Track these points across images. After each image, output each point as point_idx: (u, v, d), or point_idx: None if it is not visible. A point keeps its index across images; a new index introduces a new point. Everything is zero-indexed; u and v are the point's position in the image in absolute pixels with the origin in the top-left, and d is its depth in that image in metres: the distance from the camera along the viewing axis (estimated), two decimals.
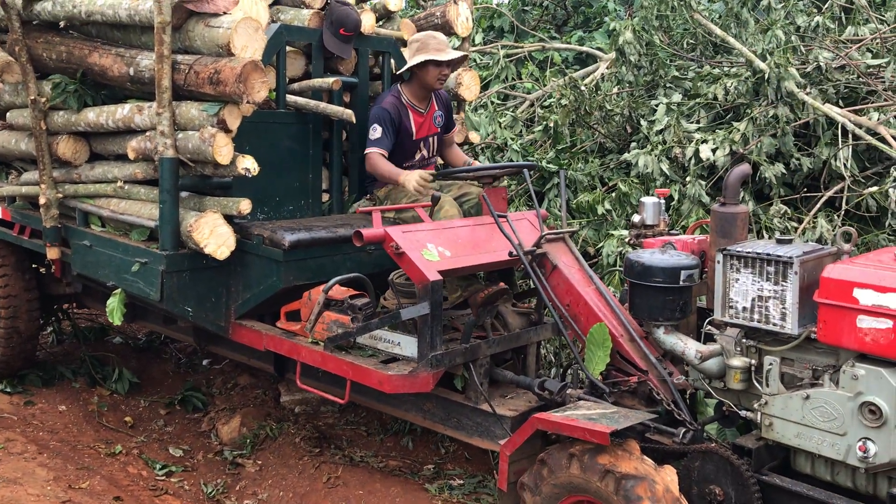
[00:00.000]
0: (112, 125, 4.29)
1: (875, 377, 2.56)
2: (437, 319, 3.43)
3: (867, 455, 2.58)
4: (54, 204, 4.60)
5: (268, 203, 4.38)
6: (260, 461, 4.62)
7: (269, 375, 5.54)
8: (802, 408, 2.75)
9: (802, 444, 2.79)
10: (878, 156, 5.06)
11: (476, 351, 3.57)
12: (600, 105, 6.13)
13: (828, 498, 2.74)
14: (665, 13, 6.41)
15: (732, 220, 3.17)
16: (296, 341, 3.97)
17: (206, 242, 3.83)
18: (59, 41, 4.46)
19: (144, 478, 4.44)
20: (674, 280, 3.16)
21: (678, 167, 5.40)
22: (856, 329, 2.60)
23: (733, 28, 6.32)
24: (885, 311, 2.54)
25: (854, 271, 2.65)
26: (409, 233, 3.61)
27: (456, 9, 5.17)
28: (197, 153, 3.82)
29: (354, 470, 4.36)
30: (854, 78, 5.41)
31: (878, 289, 2.55)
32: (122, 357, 5.94)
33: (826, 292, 2.67)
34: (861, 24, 5.84)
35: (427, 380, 3.46)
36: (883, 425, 2.55)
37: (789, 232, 4.83)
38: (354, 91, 4.79)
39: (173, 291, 3.96)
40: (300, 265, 4.02)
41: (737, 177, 3.25)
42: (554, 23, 9.48)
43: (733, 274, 2.94)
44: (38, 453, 4.33)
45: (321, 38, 4.55)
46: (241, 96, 3.65)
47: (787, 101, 5.17)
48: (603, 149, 6.37)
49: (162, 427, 5.17)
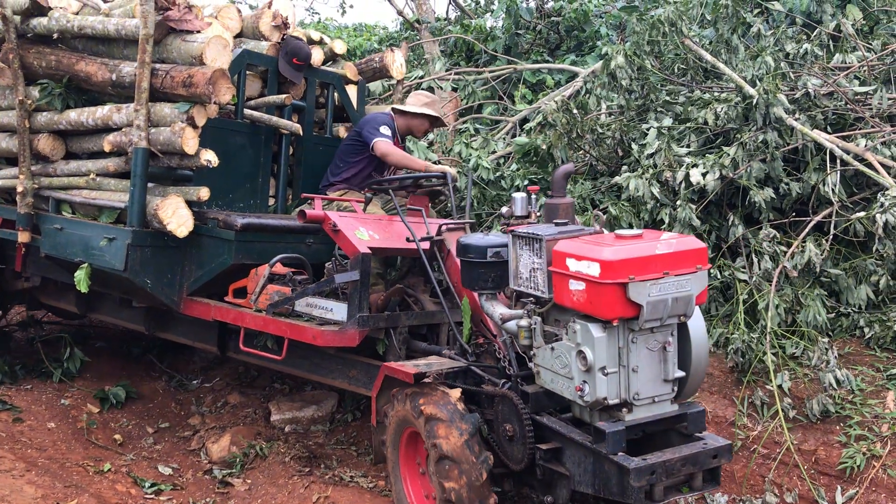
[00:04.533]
0: (92, 123, 4.93)
1: (584, 330, 3.02)
2: (365, 286, 4.10)
3: (582, 394, 3.04)
4: (30, 193, 5.18)
5: (222, 198, 5.03)
6: (249, 480, 4.62)
7: (260, 395, 5.54)
8: (551, 358, 3.22)
9: (555, 388, 3.25)
10: (866, 181, 5.12)
11: (396, 319, 4.28)
12: (592, 128, 6.19)
13: (567, 431, 3.24)
14: (656, 39, 6.48)
15: (556, 209, 3.56)
16: (241, 311, 4.60)
17: (168, 221, 4.47)
18: (50, 51, 5.11)
19: (133, 496, 4.42)
20: (482, 256, 3.59)
21: (669, 191, 5.44)
22: (569, 291, 3.07)
23: (723, 54, 6.38)
24: (581, 275, 2.99)
25: (568, 244, 3.12)
26: (345, 217, 4.36)
27: (392, 55, 6.13)
28: (167, 144, 4.49)
29: (344, 490, 4.37)
30: (842, 104, 5.47)
31: (577, 258, 3.02)
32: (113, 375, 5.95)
33: (555, 263, 3.15)
34: (849, 51, 5.92)
35: (354, 336, 4.11)
36: (590, 370, 3.00)
37: (778, 256, 4.88)
38: (302, 114, 5.55)
39: (136, 264, 4.57)
40: (249, 246, 4.68)
41: (562, 174, 3.64)
42: (547, 46, 9.57)
43: (519, 251, 3.41)
44: (26, 471, 4.30)
45: (277, 64, 5.31)
46: (209, 97, 4.36)
47: (776, 127, 5.23)
48: (594, 171, 6.43)
49: (151, 445, 5.17)
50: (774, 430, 4.32)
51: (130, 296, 5.17)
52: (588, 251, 2.99)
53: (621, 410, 3.09)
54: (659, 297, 2.97)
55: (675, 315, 3.05)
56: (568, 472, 3.24)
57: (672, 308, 3.01)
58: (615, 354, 3.02)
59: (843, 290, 4.93)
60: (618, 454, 3.00)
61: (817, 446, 4.22)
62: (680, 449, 3.10)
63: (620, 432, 3.02)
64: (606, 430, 3.02)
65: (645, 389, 3.08)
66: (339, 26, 15.18)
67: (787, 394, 4.41)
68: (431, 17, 11.14)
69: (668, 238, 3.11)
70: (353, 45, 10.96)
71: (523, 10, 9.49)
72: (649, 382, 3.08)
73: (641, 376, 3.06)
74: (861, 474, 3.99)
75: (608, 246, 2.98)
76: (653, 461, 2.97)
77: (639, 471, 2.91)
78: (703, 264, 3.09)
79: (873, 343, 4.68)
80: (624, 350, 3.03)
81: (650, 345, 3.07)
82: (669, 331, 3.11)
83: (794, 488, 4.12)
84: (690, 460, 3.05)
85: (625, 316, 2.97)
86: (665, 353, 3.09)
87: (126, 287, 4.91)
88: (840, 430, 4.23)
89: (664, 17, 6.40)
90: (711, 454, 3.10)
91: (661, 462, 2.98)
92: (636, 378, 3.05)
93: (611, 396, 3.02)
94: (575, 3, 9.48)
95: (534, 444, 3.34)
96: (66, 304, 6.09)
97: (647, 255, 2.97)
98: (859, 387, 4.38)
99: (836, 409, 4.30)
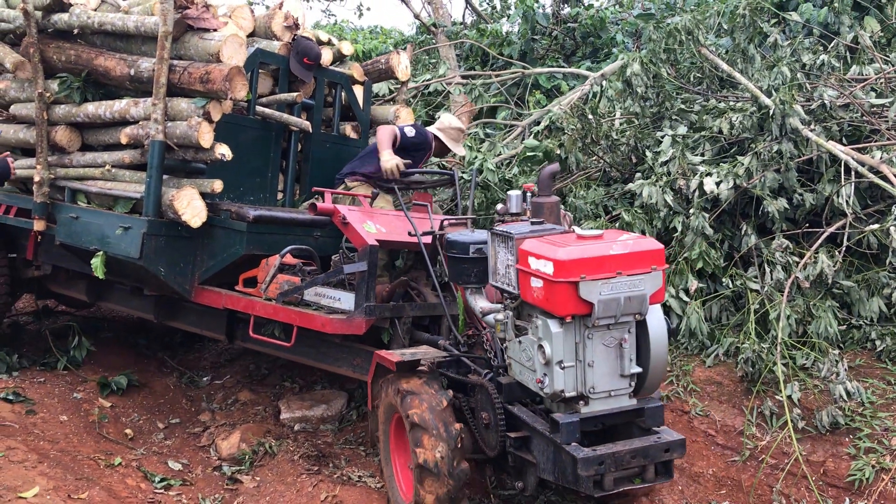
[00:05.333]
0: (109, 116, 5.08)
1: (544, 325, 3.14)
2: (372, 276, 4.27)
3: (542, 386, 3.16)
4: (46, 183, 5.34)
5: (234, 191, 5.18)
6: (258, 477, 4.64)
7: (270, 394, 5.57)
8: (519, 351, 3.36)
9: (523, 379, 3.39)
10: (880, 194, 5.09)
11: (401, 310, 4.45)
12: (606, 134, 6.19)
13: (532, 421, 3.39)
14: (672, 47, 6.47)
15: (541, 208, 3.66)
16: (251, 299, 4.77)
17: (183, 211, 4.63)
18: (69, 46, 5.28)
19: (143, 490, 4.44)
20: (465, 252, 3.72)
21: (682, 199, 5.43)
22: (531, 288, 3.18)
23: (740, 63, 6.37)
24: (540, 273, 3.11)
25: (530, 243, 3.22)
26: (354, 211, 4.52)
27: (398, 57, 6.30)
28: (183, 138, 4.65)
29: (352, 489, 4.38)
30: (858, 116, 5.45)
31: (537, 256, 3.13)
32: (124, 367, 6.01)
33: (520, 261, 3.27)
34: (866, 63, 5.89)
35: (361, 324, 4.27)
36: (548, 363, 3.12)
37: (791, 266, 4.87)
38: (311, 112, 5.71)
39: (151, 252, 4.73)
40: (260, 238, 4.85)
41: (547, 174, 3.73)
42: (563, 53, 9.57)
43: (497, 248, 3.53)
44: (38, 462, 4.32)
45: (288, 63, 5.48)
46: (226, 93, 4.53)
47: (792, 137, 5.21)
48: (608, 178, 6.43)
49: (161, 440, 5.20)
50: (783, 441, 4.31)
51: (143, 284, 5.31)
52: (545, 250, 3.11)
53: (578, 403, 3.20)
54: (611, 295, 3.07)
55: (630, 313, 3.14)
56: (535, 460, 3.39)
57: (625, 306, 3.10)
58: (572, 349, 3.14)
59: (855, 303, 4.89)
60: (571, 444, 3.13)
61: (826, 458, 4.20)
62: (631, 442, 3.21)
63: (574, 423, 3.15)
64: (561, 421, 3.15)
65: (601, 384, 3.18)
66: (355, 29, 15.23)
67: (797, 405, 4.40)
68: (448, 21, 11.17)
69: (625, 239, 3.20)
70: (369, 47, 10.99)
71: (540, 15, 9.52)
72: (605, 377, 3.19)
73: (597, 371, 3.17)
74: (870, 487, 3.97)
75: (563, 246, 3.09)
76: (602, 452, 3.09)
77: (587, 460, 3.04)
78: (658, 265, 3.17)
79: (885, 356, 4.65)
80: (580, 345, 3.14)
81: (606, 341, 3.17)
82: (626, 328, 3.20)
83: (802, 499, 4.10)
84: (641, 453, 3.16)
85: (578, 313, 3.08)
86: (621, 349, 3.18)
87: (139, 275, 5.05)
88: (849, 443, 4.21)
89: (681, 25, 6.39)
90: (663, 448, 3.19)
91: (611, 454, 3.10)
92: (592, 372, 3.16)
93: (568, 389, 3.14)
94: (591, 10, 9.50)
95: (504, 433, 3.51)
96: (76, 293, 6.24)
97: (601, 255, 3.07)
98: (870, 399, 4.36)
99: (846, 422, 4.27)
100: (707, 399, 4.69)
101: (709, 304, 5.09)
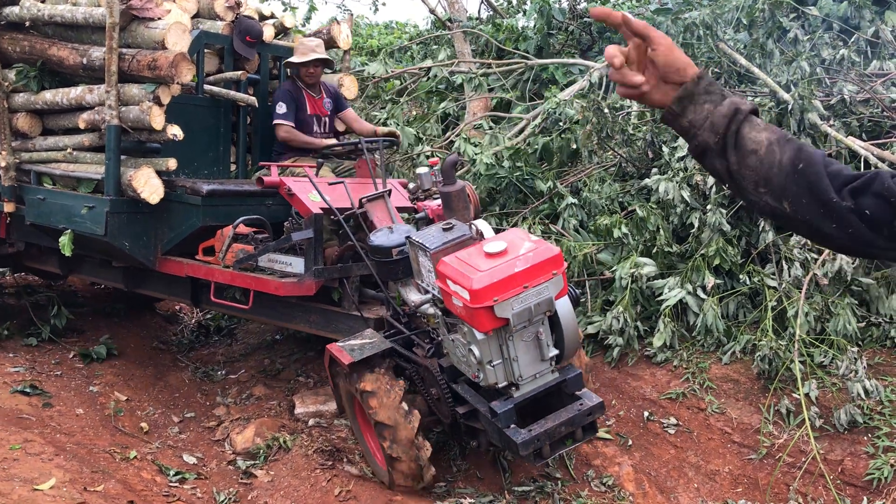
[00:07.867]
0: (66, 103, 5.39)
1: (470, 332, 3.48)
2: (318, 242, 4.70)
3: (479, 380, 3.57)
4: (12, 167, 5.68)
5: (188, 167, 5.58)
6: (273, 472, 4.64)
7: (284, 389, 5.57)
8: (453, 346, 3.74)
9: (461, 369, 3.80)
10: None
11: (348, 270, 4.86)
12: (622, 128, 6.15)
13: (476, 402, 3.82)
14: (690, 42, 6.43)
15: (450, 197, 3.88)
16: (211, 267, 5.19)
17: (142, 189, 4.97)
18: (23, 37, 5.56)
19: (158, 483, 4.45)
20: (388, 255, 4.18)
21: (699, 195, 5.40)
22: (453, 305, 3.48)
23: (758, 58, 6.31)
24: (458, 295, 3.39)
25: (446, 267, 3.48)
26: (299, 182, 4.90)
27: (339, 28, 6.59)
28: (137, 121, 4.99)
29: (366, 485, 4.38)
30: (878, 112, 5.40)
31: (453, 281, 3.42)
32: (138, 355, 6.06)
33: (439, 278, 3.54)
34: (886, 58, 5.84)
35: (311, 286, 4.75)
36: (480, 363, 3.49)
37: (809, 263, 4.82)
38: (257, 86, 6.13)
39: (115, 229, 5.11)
40: (214, 210, 5.23)
41: (449, 164, 3.93)
42: (579, 48, 9.52)
43: (417, 254, 3.81)
44: (55, 455, 4.34)
45: (231, 42, 5.83)
46: (172, 78, 4.84)
47: (811, 133, 5.16)
48: (623, 172, 6.39)
49: (176, 434, 5.22)
50: (800, 439, 4.27)
51: (110, 257, 5.72)
52: (460, 278, 3.38)
53: (511, 388, 3.58)
54: (522, 307, 3.37)
55: (540, 314, 3.45)
56: (483, 428, 3.86)
57: (535, 312, 3.41)
58: (498, 350, 3.50)
59: (873, 300, 4.85)
60: (509, 427, 3.53)
61: (844, 456, 4.16)
62: (559, 415, 3.59)
63: (509, 411, 3.56)
64: (498, 410, 3.56)
65: (527, 371, 3.56)
66: (370, 24, 15.22)
67: (815, 402, 4.36)
68: (463, 15, 11.10)
69: (525, 252, 3.44)
70: (384, 42, 10.99)
71: (556, 10, 9.46)
72: (530, 365, 3.57)
73: (522, 362, 3.53)
74: (888, 486, 3.94)
75: (476, 271, 3.36)
76: (537, 431, 3.50)
77: (525, 443, 3.46)
78: (558, 269, 3.44)
79: None
80: (504, 346, 3.50)
81: (525, 338, 3.52)
82: (539, 323, 3.51)
83: (820, 498, 4.07)
84: (568, 422, 3.57)
85: (497, 326, 3.39)
86: (539, 340, 3.53)
87: (106, 249, 5.46)
88: (868, 441, 4.17)
89: (699, 20, 6.35)
90: (587, 413, 3.61)
91: (544, 431, 3.51)
92: (517, 365, 3.53)
93: (500, 381, 3.54)
94: (608, 5, 9.42)
95: (453, 408, 3.97)
96: (50, 267, 6.60)
97: (508, 276, 3.34)
98: (888, 398, 4.32)
99: (864, 420, 4.23)
100: (723, 396, 4.66)
101: (726, 301, 5.07)
